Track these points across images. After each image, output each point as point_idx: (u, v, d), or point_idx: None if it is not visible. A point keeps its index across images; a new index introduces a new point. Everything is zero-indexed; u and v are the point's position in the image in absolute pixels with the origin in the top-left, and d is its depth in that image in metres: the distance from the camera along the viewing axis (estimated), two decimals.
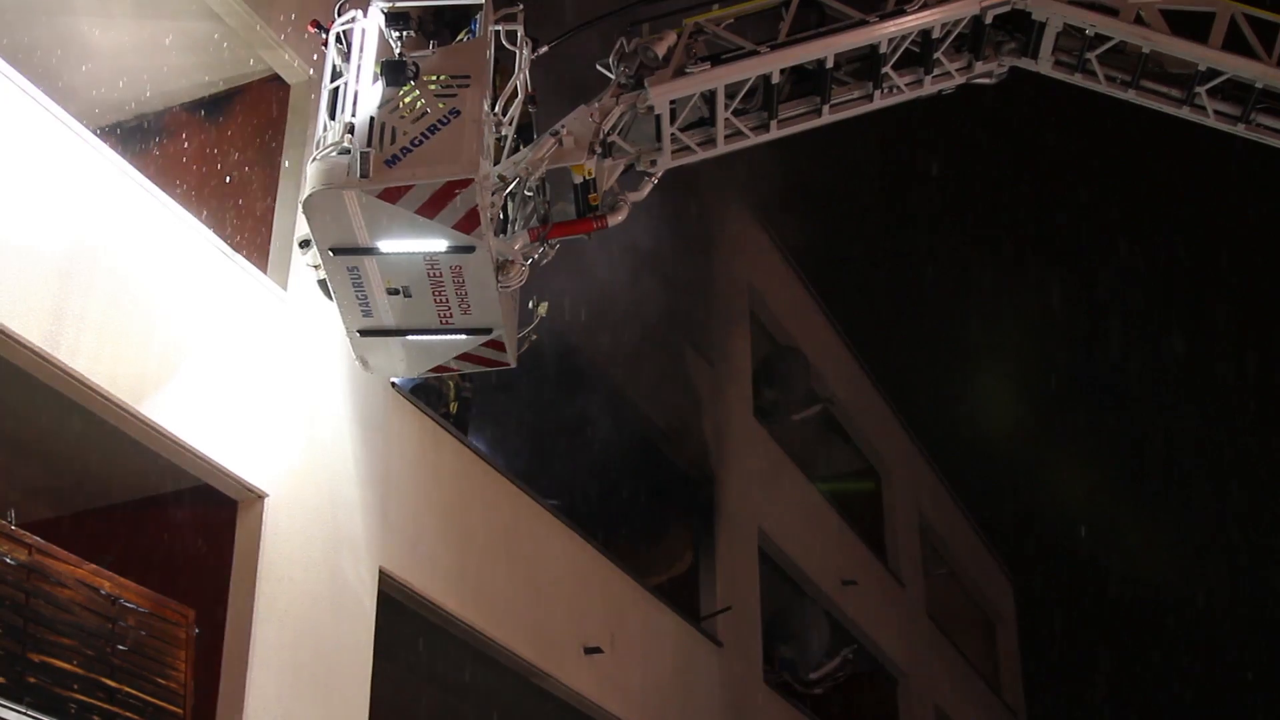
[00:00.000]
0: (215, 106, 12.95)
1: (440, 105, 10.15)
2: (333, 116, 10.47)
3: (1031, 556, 37.62)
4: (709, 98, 11.69)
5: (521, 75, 10.86)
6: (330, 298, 10.89)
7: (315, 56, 11.95)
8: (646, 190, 11.75)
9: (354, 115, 10.20)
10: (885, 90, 12.30)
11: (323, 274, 10.72)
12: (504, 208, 10.87)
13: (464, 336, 11.13)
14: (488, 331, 11.07)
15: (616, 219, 11.47)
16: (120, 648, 9.99)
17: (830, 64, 11.88)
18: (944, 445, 31.04)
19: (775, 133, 12.13)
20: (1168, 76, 12.39)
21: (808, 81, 12.07)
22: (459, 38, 10.77)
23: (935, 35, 12.08)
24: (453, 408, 14.51)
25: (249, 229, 12.28)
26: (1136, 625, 43.09)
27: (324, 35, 10.78)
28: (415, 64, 10.28)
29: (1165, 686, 40.46)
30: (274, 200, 12.43)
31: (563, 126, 11.13)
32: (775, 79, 11.75)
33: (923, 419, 29.89)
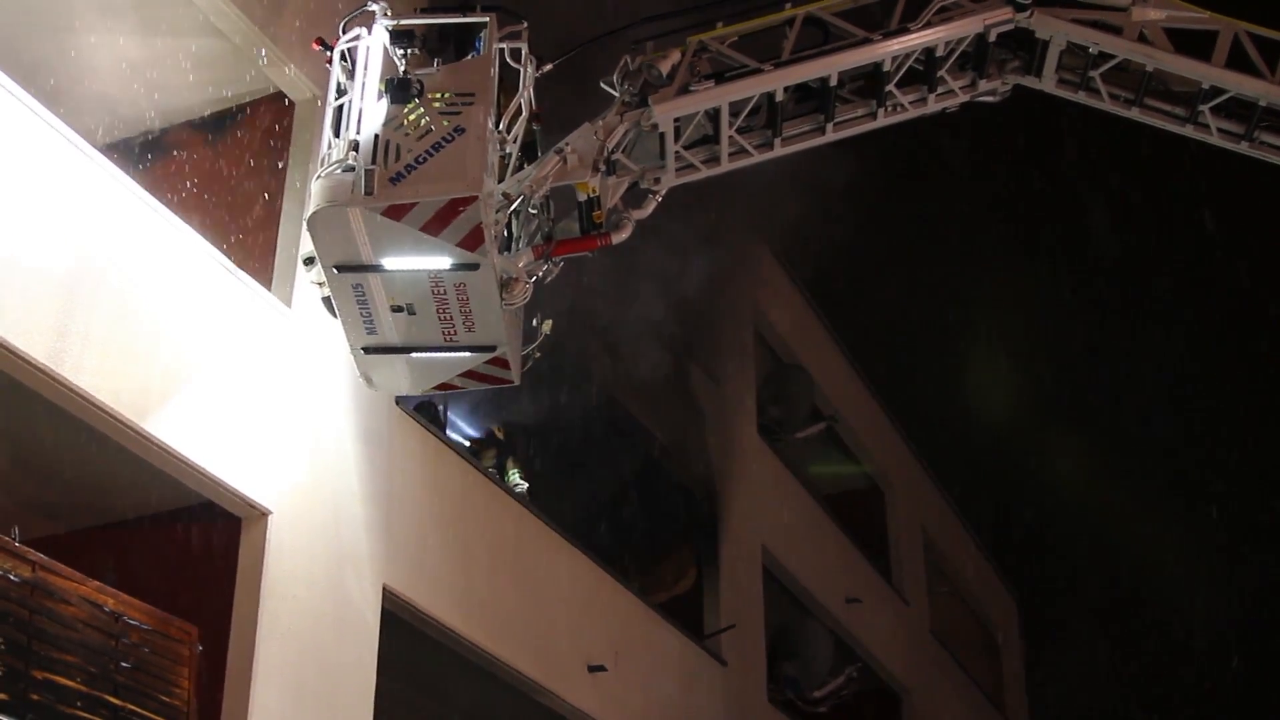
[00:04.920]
0: (220, 124, 12.97)
1: (445, 123, 10.16)
2: (337, 134, 10.48)
3: (1037, 575, 37.50)
4: (713, 115, 11.69)
5: (526, 93, 10.88)
6: (334, 315, 10.89)
7: (320, 74, 11.97)
8: (651, 208, 11.74)
9: (358, 133, 10.20)
10: (889, 108, 12.30)
11: (327, 291, 10.70)
12: (508, 225, 10.87)
13: (468, 354, 11.12)
14: (492, 349, 11.06)
15: (621, 237, 11.47)
16: (124, 665, 9.99)
17: (834, 82, 11.88)
18: (949, 463, 31.00)
19: (779, 150, 12.12)
20: (1171, 95, 12.39)
21: (812, 99, 12.07)
22: (464, 55, 10.80)
23: (939, 53, 12.09)
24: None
25: (253, 246, 12.30)
26: (1144, 645, 42.96)
27: (328, 53, 10.79)
28: (420, 81, 10.30)
29: (1173, 707, 40.32)
30: (278, 217, 12.45)
31: (567, 144, 11.13)
32: (779, 97, 11.75)
33: (927, 437, 29.89)
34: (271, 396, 11.55)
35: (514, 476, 15.97)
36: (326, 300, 10.86)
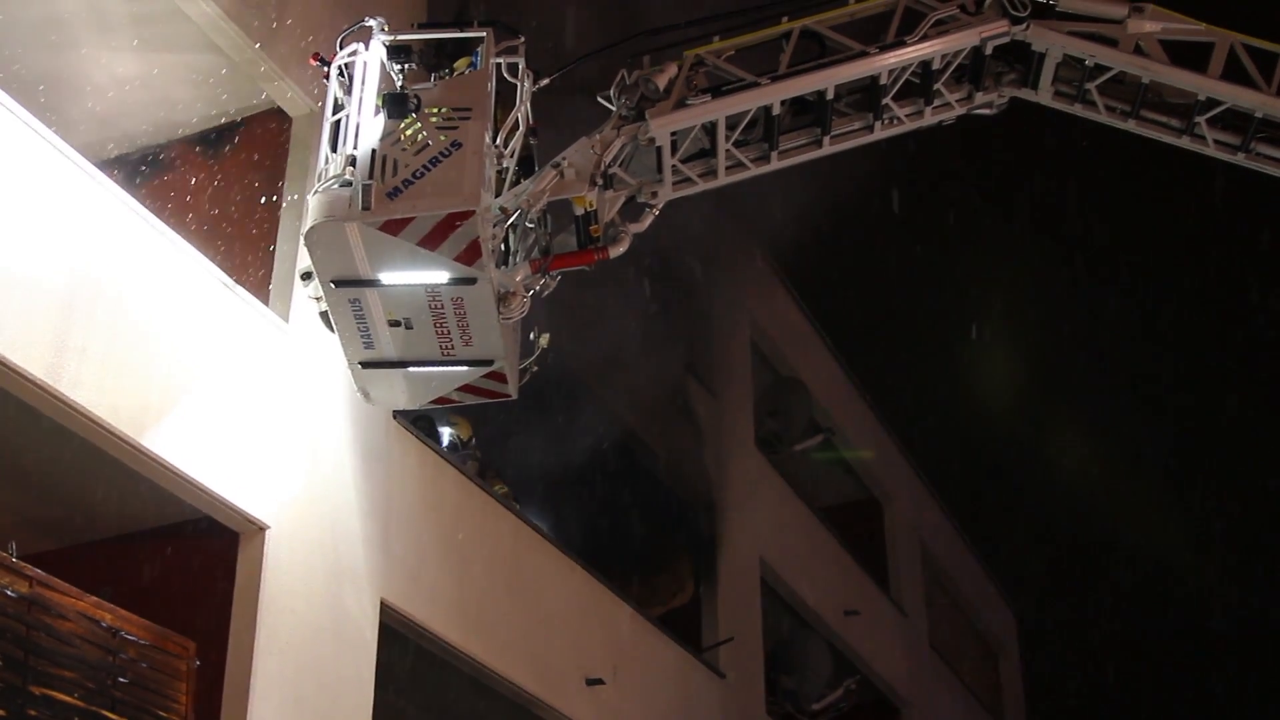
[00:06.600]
0: (217, 139, 12.98)
1: (442, 137, 10.18)
2: (334, 149, 10.49)
3: (1035, 587, 37.55)
4: (710, 129, 11.71)
5: (523, 107, 10.90)
6: (332, 329, 10.90)
7: (317, 90, 11.99)
8: (648, 222, 11.76)
9: (355, 148, 10.22)
10: (886, 121, 12.32)
11: (324, 306, 10.72)
12: (505, 239, 10.89)
13: (465, 368, 11.14)
14: (489, 363, 11.07)
15: (618, 251, 11.49)
16: (121, 680, 9.97)
17: (831, 95, 11.90)
18: (947, 475, 31.05)
19: (776, 164, 12.15)
20: (1167, 106, 12.41)
21: (808, 113, 12.09)
22: (460, 70, 10.81)
23: (935, 66, 12.11)
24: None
25: (251, 261, 12.30)
26: (1142, 656, 42.96)
27: (326, 68, 10.81)
28: (417, 96, 10.32)
29: (1173, 714, 40.33)
30: (275, 232, 12.46)
31: (564, 158, 11.15)
32: (776, 110, 11.77)
33: (925, 449, 29.94)
34: (269, 411, 11.55)
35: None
36: (324, 315, 10.87)
